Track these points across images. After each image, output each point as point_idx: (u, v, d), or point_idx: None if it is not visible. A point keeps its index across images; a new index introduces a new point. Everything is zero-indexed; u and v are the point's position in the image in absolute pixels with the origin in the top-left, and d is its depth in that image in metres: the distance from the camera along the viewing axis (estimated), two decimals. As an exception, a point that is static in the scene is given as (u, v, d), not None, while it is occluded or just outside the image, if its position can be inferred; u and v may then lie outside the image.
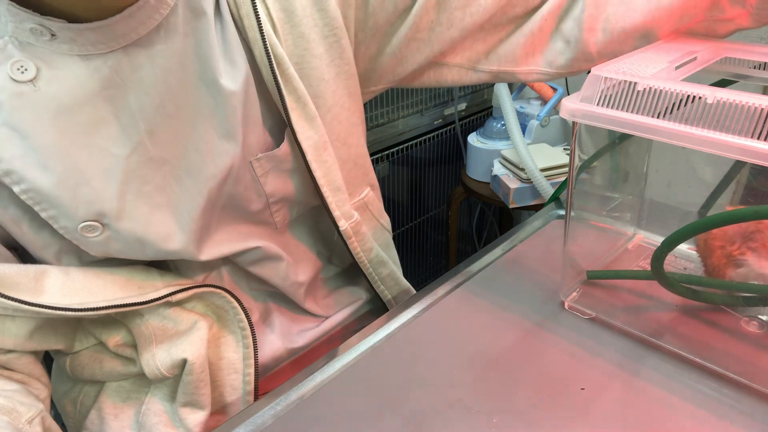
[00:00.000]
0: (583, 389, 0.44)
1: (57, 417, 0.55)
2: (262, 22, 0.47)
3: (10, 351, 0.47)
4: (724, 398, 0.43)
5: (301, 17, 0.50)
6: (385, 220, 0.66)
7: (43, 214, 0.43)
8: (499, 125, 1.45)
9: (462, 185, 1.49)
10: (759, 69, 0.49)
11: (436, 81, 0.61)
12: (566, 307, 0.52)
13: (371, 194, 0.63)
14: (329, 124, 0.54)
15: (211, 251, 0.51)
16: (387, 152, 1.39)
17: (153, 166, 0.46)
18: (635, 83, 0.40)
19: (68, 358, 0.53)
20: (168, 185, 0.47)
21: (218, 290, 0.53)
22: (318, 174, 0.53)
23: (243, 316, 0.55)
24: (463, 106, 1.55)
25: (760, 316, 0.50)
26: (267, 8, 0.49)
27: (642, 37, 0.52)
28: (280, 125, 0.53)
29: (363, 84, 0.59)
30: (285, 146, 0.52)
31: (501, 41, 0.57)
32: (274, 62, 0.48)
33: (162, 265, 0.53)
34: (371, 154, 0.85)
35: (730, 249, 0.47)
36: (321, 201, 0.55)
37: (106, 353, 0.53)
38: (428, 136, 1.49)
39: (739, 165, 0.51)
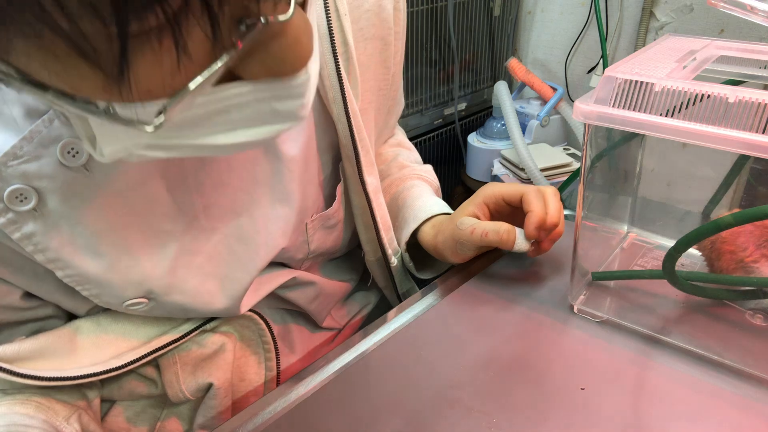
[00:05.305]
0: (583, 389, 0.44)
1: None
2: (343, 79, 0.48)
3: None
4: (735, 390, 0.43)
5: (374, 71, 0.54)
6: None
7: (85, 293, 0.40)
8: (499, 125, 1.45)
9: (462, 185, 1.49)
10: (763, 69, 0.49)
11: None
12: (575, 310, 0.52)
13: None
14: None
15: (248, 302, 0.50)
16: (387, 152, 1.39)
17: (204, 237, 0.44)
18: (652, 84, 0.40)
19: None
20: (218, 254, 0.45)
21: (249, 313, 0.52)
22: (377, 216, 0.56)
23: (269, 337, 0.54)
24: (463, 106, 1.55)
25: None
26: (349, 59, 0.50)
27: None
28: (332, 180, 0.55)
29: None
30: (336, 203, 0.54)
31: None
32: (352, 120, 0.50)
33: None
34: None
35: (741, 255, 0.47)
36: (377, 238, 0.57)
37: (126, 374, 0.50)
38: (428, 136, 1.49)
39: (742, 162, 0.51)
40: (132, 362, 0.44)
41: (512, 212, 0.55)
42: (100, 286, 0.40)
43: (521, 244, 0.51)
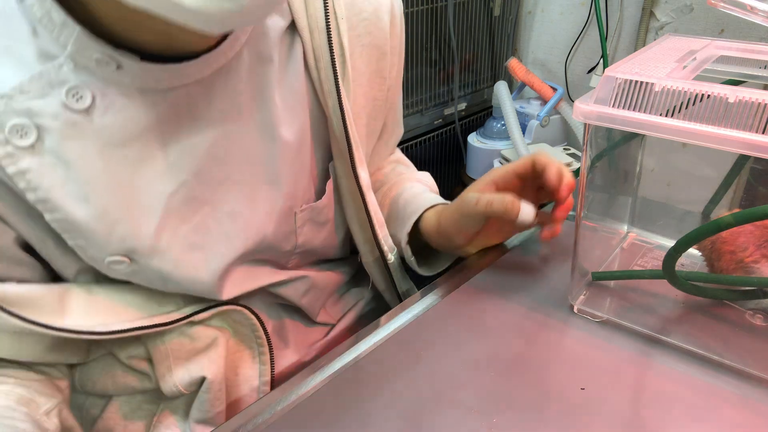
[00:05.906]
0: (583, 389, 0.44)
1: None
2: (338, 75, 0.49)
3: None
4: (735, 390, 0.43)
5: (369, 78, 0.55)
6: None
7: (70, 242, 0.41)
8: (499, 125, 1.45)
9: (462, 185, 1.49)
10: (763, 69, 0.49)
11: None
12: (575, 310, 0.52)
13: None
14: None
15: (231, 290, 0.50)
16: (387, 152, 1.39)
17: (194, 206, 0.45)
18: (652, 84, 0.40)
19: (77, 372, 0.51)
20: (206, 227, 0.46)
21: (239, 308, 0.52)
22: (371, 211, 0.56)
23: (262, 332, 0.54)
24: (463, 106, 1.55)
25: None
26: (344, 62, 0.51)
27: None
28: (323, 176, 0.56)
29: None
30: (326, 198, 0.55)
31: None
32: (346, 114, 0.50)
33: None
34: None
35: (741, 255, 0.47)
36: (372, 235, 0.58)
37: (118, 367, 0.51)
38: (428, 136, 1.49)
39: (742, 162, 0.51)
40: (118, 332, 0.44)
41: (522, 189, 0.55)
42: (85, 237, 0.41)
43: (526, 214, 0.51)
